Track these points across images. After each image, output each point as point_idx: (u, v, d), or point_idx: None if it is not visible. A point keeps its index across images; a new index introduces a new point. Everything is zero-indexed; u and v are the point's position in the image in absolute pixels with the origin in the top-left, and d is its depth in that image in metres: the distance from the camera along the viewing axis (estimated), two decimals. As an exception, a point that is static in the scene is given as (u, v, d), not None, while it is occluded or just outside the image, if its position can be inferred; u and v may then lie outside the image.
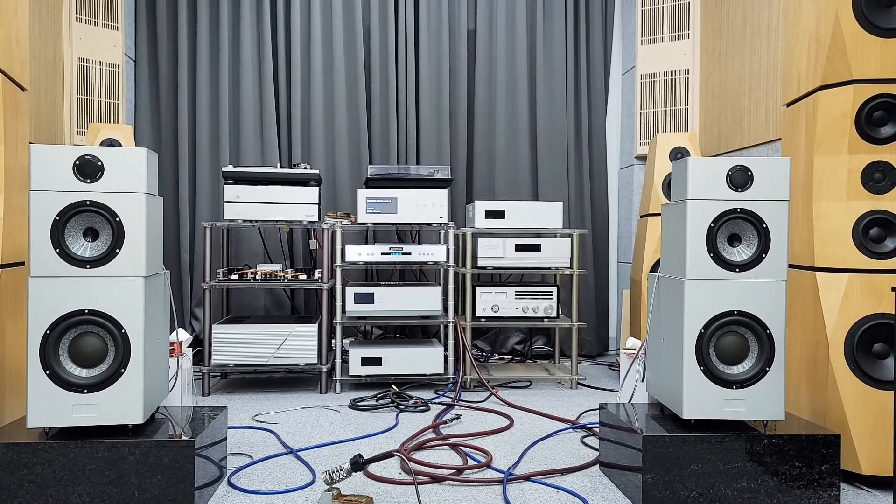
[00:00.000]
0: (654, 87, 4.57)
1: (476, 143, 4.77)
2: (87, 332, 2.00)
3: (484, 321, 3.86)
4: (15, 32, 2.46)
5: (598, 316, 4.90)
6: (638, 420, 2.29)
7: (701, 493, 2.10)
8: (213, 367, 3.60)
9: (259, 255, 4.51)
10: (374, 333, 4.59)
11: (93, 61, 4.11)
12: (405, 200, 3.78)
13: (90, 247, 2.01)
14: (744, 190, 2.16)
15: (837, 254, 2.41)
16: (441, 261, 3.78)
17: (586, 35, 4.86)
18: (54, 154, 1.97)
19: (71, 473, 1.96)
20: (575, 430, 3.03)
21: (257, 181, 3.74)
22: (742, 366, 2.18)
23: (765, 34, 3.63)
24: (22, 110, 2.54)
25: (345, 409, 3.34)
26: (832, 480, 2.12)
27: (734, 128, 3.95)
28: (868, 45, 2.38)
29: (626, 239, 4.88)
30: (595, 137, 4.90)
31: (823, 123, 2.45)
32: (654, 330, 2.46)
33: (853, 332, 2.34)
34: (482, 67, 4.74)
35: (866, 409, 2.31)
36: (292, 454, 2.65)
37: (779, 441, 2.12)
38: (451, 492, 2.27)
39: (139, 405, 2.01)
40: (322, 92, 4.56)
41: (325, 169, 4.57)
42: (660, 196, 3.94)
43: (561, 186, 4.78)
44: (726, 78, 4.06)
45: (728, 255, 2.17)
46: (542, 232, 3.94)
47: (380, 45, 4.63)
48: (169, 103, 4.52)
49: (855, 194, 2.41)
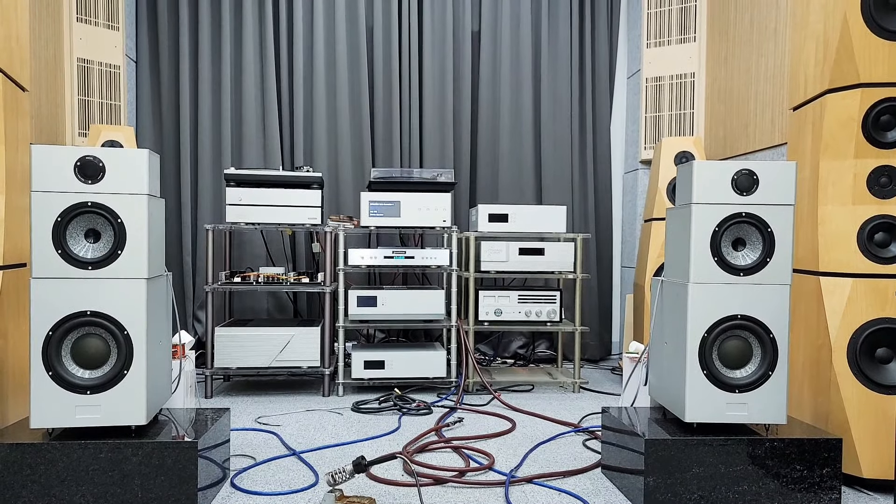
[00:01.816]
0: (660, 90, 4.56)
1: (480, 146, 4.77)
2: (90, 334, 2.00)
3: (487, 325, 3.85)
4: (15, 32, 2.46)
5: (601, 320, 4.89)
6: (640, 423, 2.28)
7: (703, 497, 2.10)
8: (215, 369, 3.60)
9: (261, 258, 4.51)
10: (376, 337, 4.59)
11: (94, 62, 4.12)
12: (408, 204, 3.78)
13: (92, 248, 2.01)
14: (749, 194, 2.15)
15: (842, 258, 2.40)
16: (444, 264, 3.78)
17: (591, 38, 4.85)
18: (55, 155, 1.97)
19: (74, 474, 1.96)
20: (577, 434, 3.02)
21: (260, 184, 3.74)
22: (745, 370, 2.17)
23: (772, 37, 3.63)
24: (23, 111, 2.54)
25: (347, 412, 3.34)
26: (833, 484, 2.11)
27: (740, 132, 3.95)
28: (876, 49, 2.37)
29: (630, 243, 4.87)
30: (599, 141, 4.89)
31: (830, 127, 2.45)
32: (658, 334, 2.45)
33: (856, 337, 2.33)
34: (486, 70, 4.74)
35: (868, 413, 2.30)
36: (295, 456, 2.65)
37: (781, 444, 2.11)
38: (453, 494, 2.27)
39: (142, 406, 2.01)
40: (325, 94, 4.56)
41: (327, 172, 4.57)
42: (664, 200, 3.93)
43: (565, 190, 4.77)
44: (732, 81, 4.06)
45: (732, 260, 2.17)
46: (546, 236, 3.94)
47: (383, 46, 4.63)
48: (171, 105, 4.53)
49: (860, 199, 2.40)
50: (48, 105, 3.73)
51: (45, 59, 3.71)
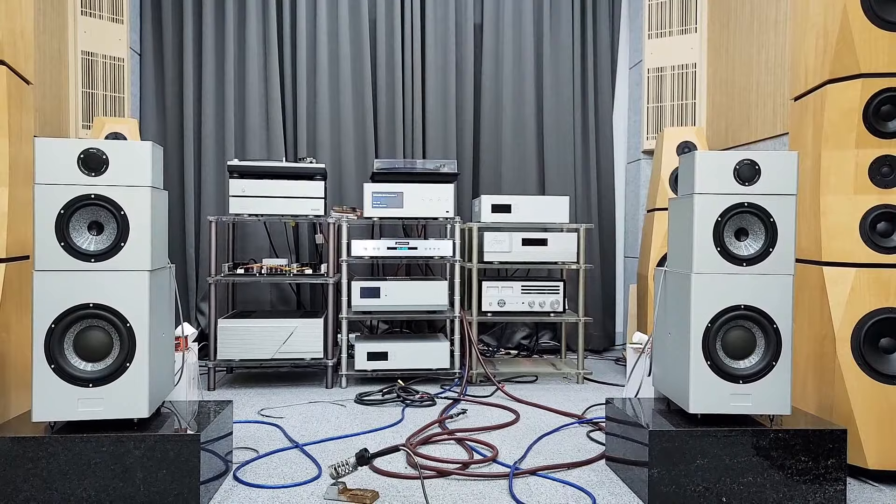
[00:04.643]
0: (662, 81, 4.55)
1: (482, 137, 4.76)
2: (92, 326, 2.00)
3: (490, 316, 3.85)
4: (20, 25, 2.46)
5: (604, 311, 4.89)
6: (644, 414, 2.28)
7: (707, 488, 2.10)
8: (218, 361, 3.60)
9: (265, 250, 4.51)
10: (379, 328, 4.59)
11: (98, 55, 4.12)
12: (411, 195, 3.77)
13: (95, 240, 2.01)
14: (751, 184, 2.14)
15: (845, 248, 2.39)
16: (447, 255, 3.77)
17: (593, 29, 4.83)
18: (59, 147, 1.97)
19: (76, 467, 1.96)
20: (581, 425, 3.02)
21: (263, 175, 3.73)
22: (749, 360, 2.16)
23: (772, 28, 3.61)
24: (27, 104, 2.54)
25: (350, 404, 3.34)
26: (838, 475, 2.11)
27: (741, 122, 3.94)
28: (876, 39, 2.36)
29: (633, 233, 4.87)
30: (602, 132, 4.88)
31: (831, 117, 2.44)
32: (661, 324, 2.45)
33: (860, 327, 2.32)
34: (488, 61, 4.73)
35: (873, 403, 2.30)
36: (298, 448, 2.65)
37: (785, 435, 2.11)
38: (456, 486, 2.27)
39: (144, 399, 2.01)
40: (328, 86, 4.56)
41: (330, 163, 4.57)
42: (667, 190, 3.92)
43: (567, 181, 4.76)
44: (734, 72, 4.04)
45: (735, 250, 2.16)
46: (549, 226, 3.93)
47: (386, 38, 4.62)
48: (174, 97, 4.52)
49: (862, 188, 2.40)
50: (52, 98, 3.73)
51: (50, 52, 3.71)
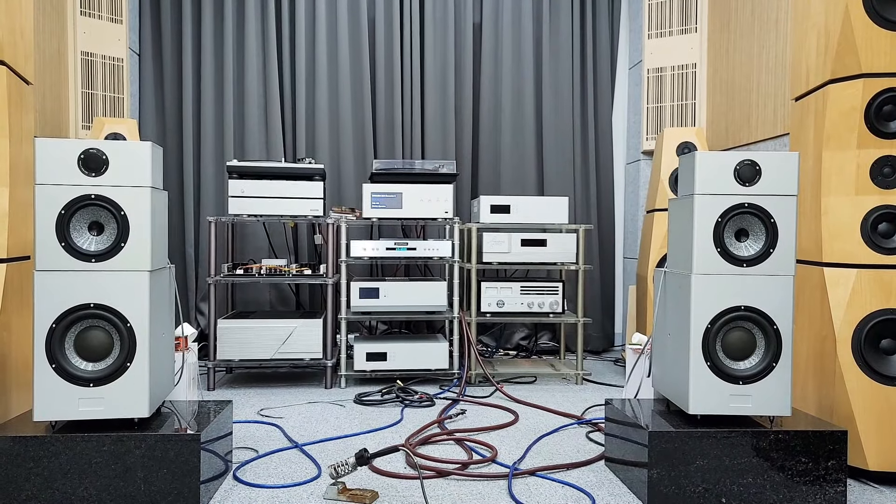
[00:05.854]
0: (661, 81, 4.55)
1: (481, 137, 4.76)
2: (93, 326, 2.00)
3: (489, 316, 3.85)
4: (19, 26, 2.45)
5: (603, 311, 4.89)
6: (643, 415, 2.28)
7: (707, 489, 2.10)
8: (218, 361, 3.60)
9: (264, 250, 4.51)
10: (378, 329, 4.59)
11: (97, 55, 4.11)
12: (410, 195, 3.77)
13: (95, 241, 2.00)
14: (752, 184, 2.14)
15: (845, 249, 2.39)
16: (446, 256, 3.77)
17: (593, 29, 4.84)
18: (59, 147, 1.97)
19: (77, 467, 1.96)
20: (580, 426, 3.02)
21: (262, 176, 3.73)
22: (749, 361, 2.17)
23: (773, 28, 3.61)
24: (27, 104, 2.53)
25: (350, 404, 3.34)
26: (839, 476, 2.11)
27: (742, 122, 3.94)
28: (878, 39, 2.36)
29: (633, 234, 4.87)
30: (601, 132, 4.88)
31: (832, 118, 2.44)
32: (661, 325, 2.45)
33: (861, 328, 2.32)
34: (488, 61, 4.73)
35: (873, 404, 2.30)
36: (298, 448, 2.65)
37: (785, 437, 2.11)
38: (456, 486, 2.27)
39: (145, 399, 2.01)
40: (327, 86, 4.55)
41: (329, 163, 4.57)
42: (666, 191, 3.92)
43: (567, 181, 4.76)
44: (734, 72, 4.04)
45: (735, 250, 2.16)
46: (548, 227, 3.93)
47: (385, 38, 4.62)
48: (173, 98, 4.52)
49: (863, 189, 2.40)
50: (52, 98, 3.73)
51: (49, 52, 3.70)
